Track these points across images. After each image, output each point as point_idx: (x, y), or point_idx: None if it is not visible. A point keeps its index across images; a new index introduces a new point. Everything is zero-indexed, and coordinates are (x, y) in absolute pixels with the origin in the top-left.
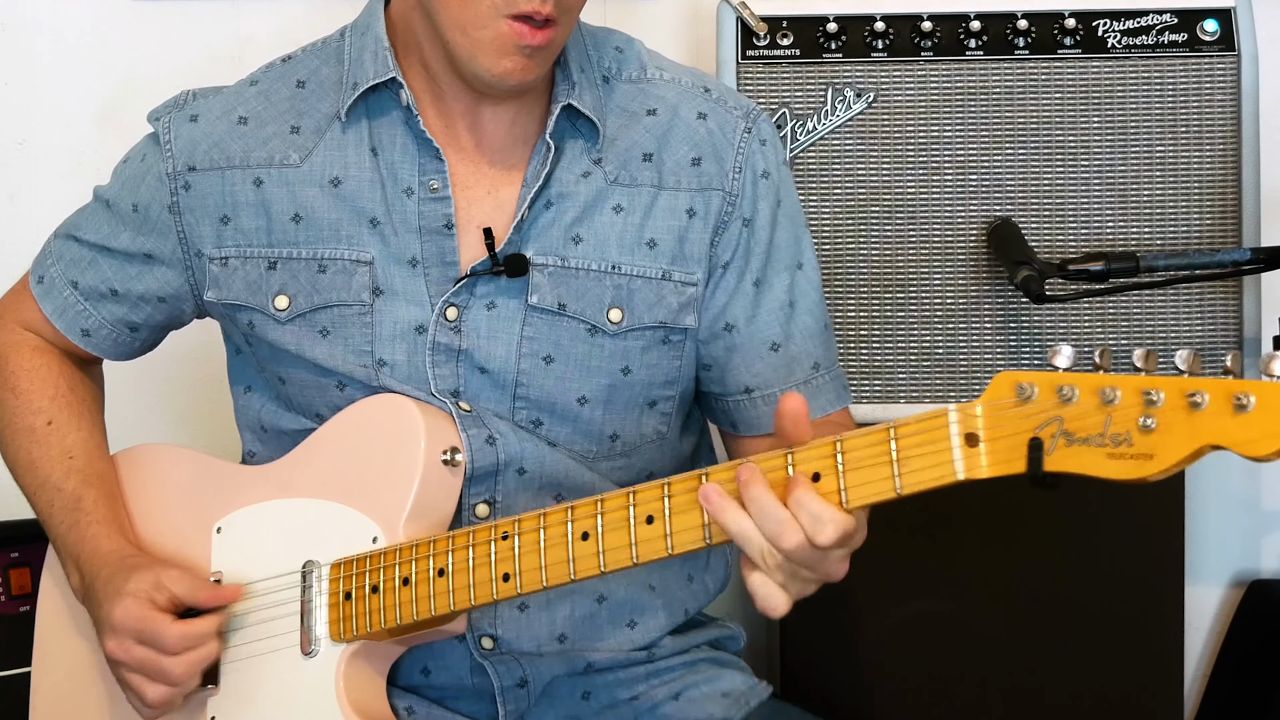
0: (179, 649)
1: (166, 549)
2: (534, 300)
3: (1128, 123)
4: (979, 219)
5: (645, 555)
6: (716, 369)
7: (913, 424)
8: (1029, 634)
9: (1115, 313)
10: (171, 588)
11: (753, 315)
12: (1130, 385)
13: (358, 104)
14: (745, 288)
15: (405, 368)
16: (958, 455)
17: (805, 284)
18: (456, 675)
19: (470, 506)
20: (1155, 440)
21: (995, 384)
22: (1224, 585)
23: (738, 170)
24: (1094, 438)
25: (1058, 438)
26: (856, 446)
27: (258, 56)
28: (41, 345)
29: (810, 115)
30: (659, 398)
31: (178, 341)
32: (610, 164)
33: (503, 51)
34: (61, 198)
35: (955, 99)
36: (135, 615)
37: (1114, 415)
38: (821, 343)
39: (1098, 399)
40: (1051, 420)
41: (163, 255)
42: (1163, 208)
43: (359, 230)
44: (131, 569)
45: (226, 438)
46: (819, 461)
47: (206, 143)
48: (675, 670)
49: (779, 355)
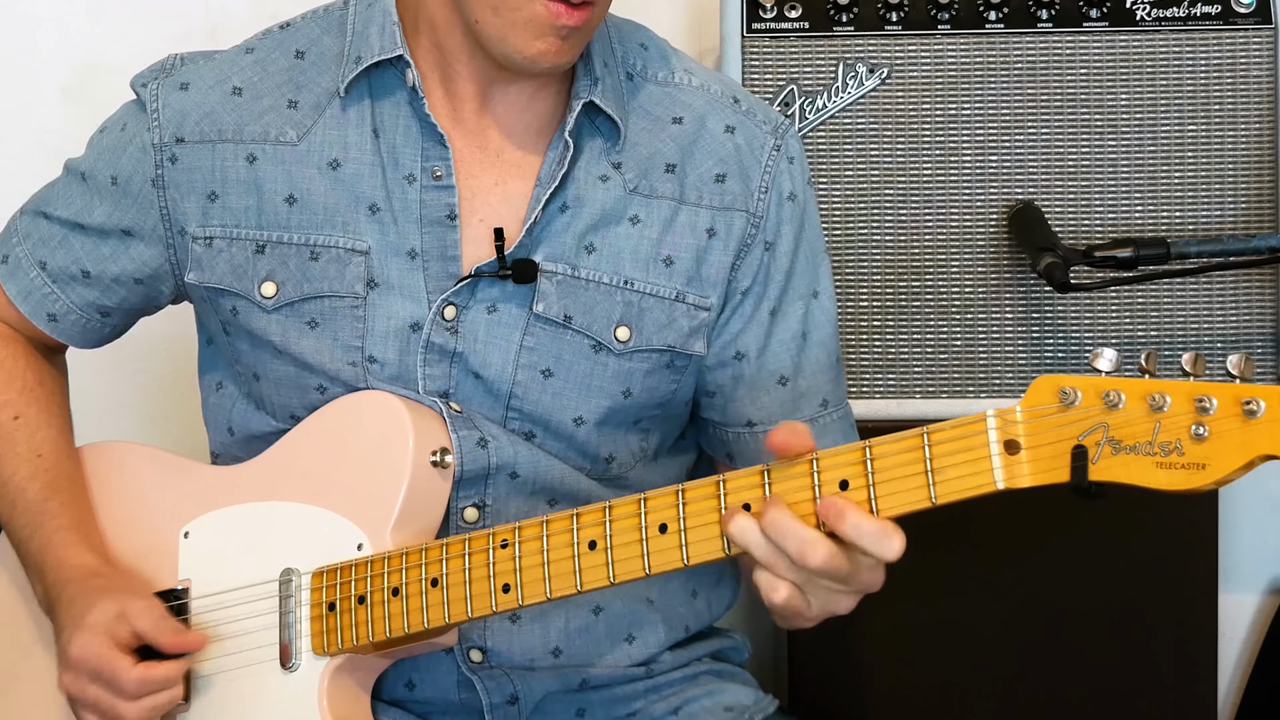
0: (136, 694)
1: (131, 553)
2: (539, 309)
3: (1158, 100)
4: (999, 203)
5: (658, 566)
6: (720, 397)
7: (948, 429)
8: (1051, 645)
9: (1144, 302)
10: (135, 622)
11: (765, 345)
12: (1181, 391)
13: (359, 80)
14: (761, 316)
15: (395, 366)
16: (997, 463)
17: (820, 314)
18: (443, 689)
19: (458, 510)
20: (1208, 449)
21: (1035, 388)
22: (1260, 592)
23: (764, 191)
24: (1142, 446)
25: (1103, 445)
26: (888, 453)
27: (233, 31)
28: (6, 333)
29: (820, 92)
30: (645, 417)
31: (147, 332)
32: (630, 171)
33: (537, 33)
34: (24, 180)
35: (974, 75)
36: (93, 652)
37: (1163, 423)
38: (831, 378)
39: (1146, 405)
40: (1096, 427)
41: (142, 232)
42: (1195, 190)
43: (356, 217)
44: (95, 594)
45: (198, 436)
46: (847, 468)
47: (197, 113)
48: (675, 684)
49: (787, 390)
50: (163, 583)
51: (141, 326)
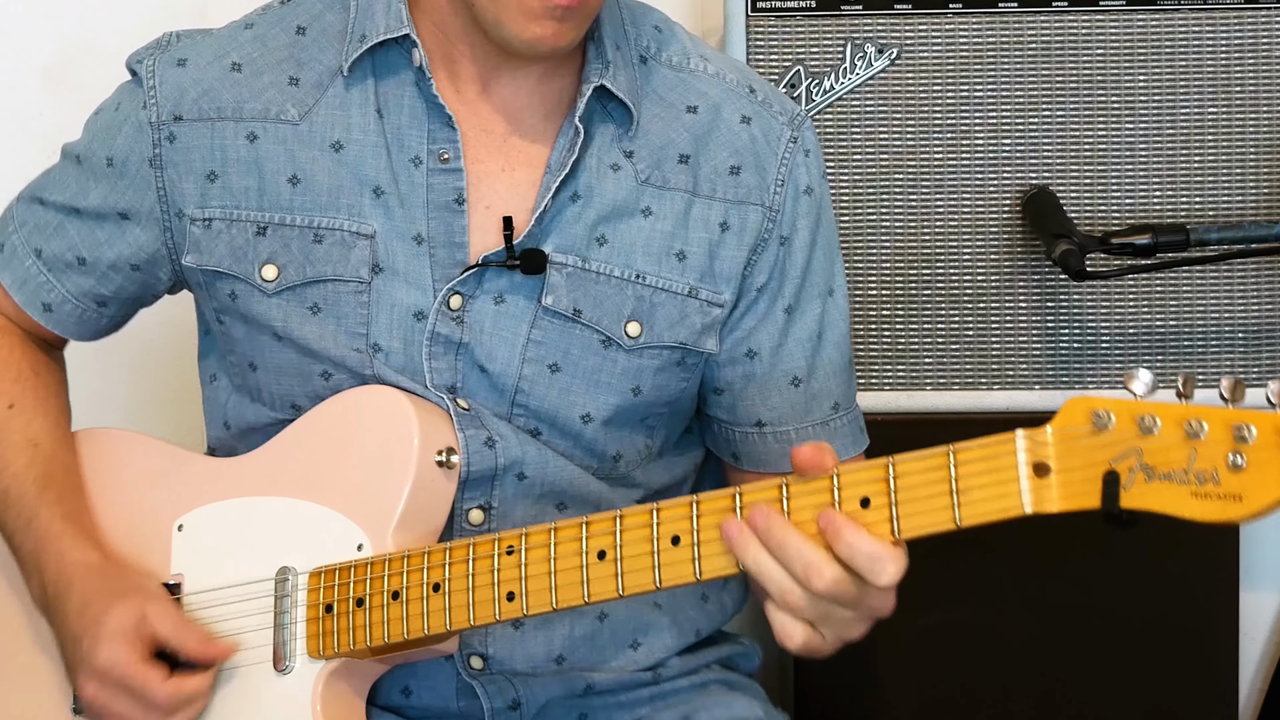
0: (171, 709)
1: (123, 545)
2: (548, 301)
3: (1177, 81)
4: (1013, 188)
5: (670, 580)
6: (729, 396)
7: (975, 449)
8: (1068, 647)
9: (1163, 291)
10: (156, 627)
11: (779, 344)
12: (1219, 418)
13: (363, 59)
14: (776, 314)
15: (400, 356)
16: (1025, 486)
17: (835, 313)
18: (441, 696)
19: (463, 512)
20: (1245, 480)
21: (1067, 409)
22: None
23: (780, 184)
24: (1177, 474)
25: (1136, 471)
26: (911, 471)
27: (221, 12)
28: (2, 324)
29: (827, 74)
30: (651, 414)
31: (145, 322)
32: (642, 161)
33: (531, 16)
34: (4, 166)
35: (987, 55)
36: (122, 662)
37: (1199, 450)
38: (843, 380)
39: (1182, 431)
40: (1130, 452)
41: (139, 214)
42: (1215, 175)
43: (360, 200)
44: (108, 597)
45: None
46: (869, 485)
47: (196, 90)
48: (682, 693)
49: (799, 391)
50: (154, 577)
51: (140, 315)
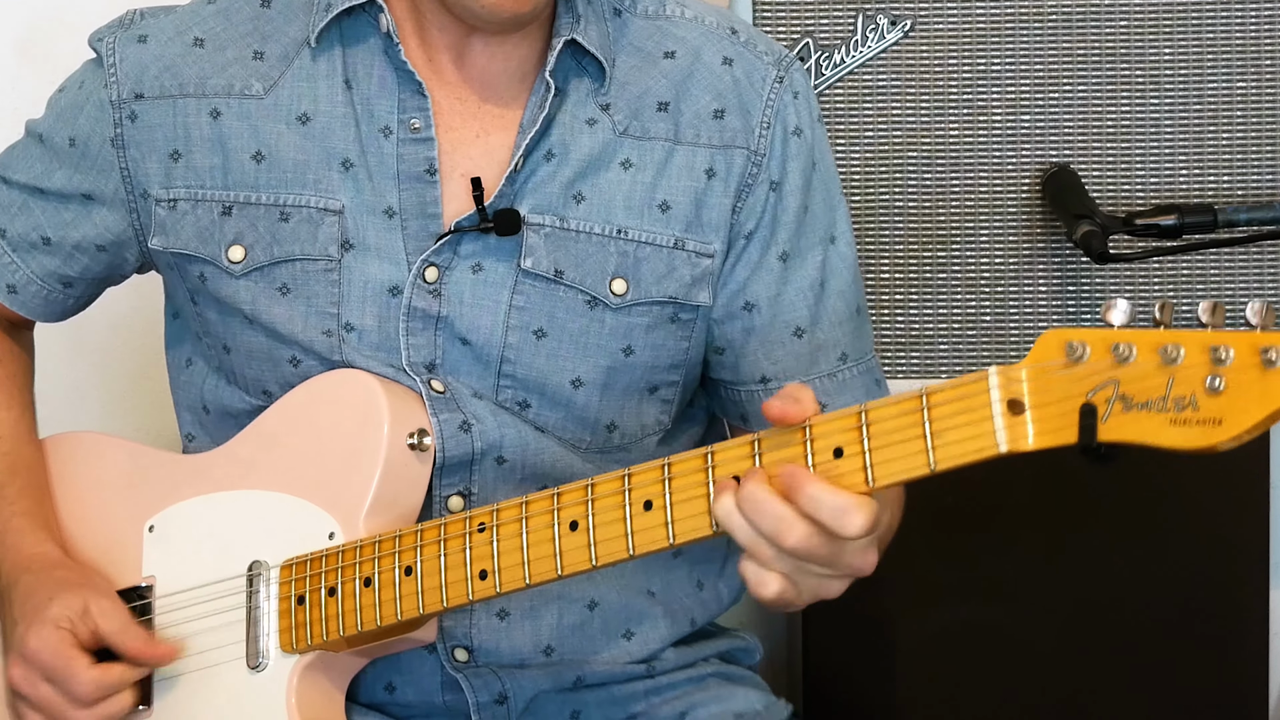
0: (91, 699)
1: (94, 551)
2: (527, 264)
3: (1204, 55)
4: (1032, 166)
5: (643, 546)
6: (730, 353)
7: (948, 390)
8: (1088, 645)
9: (1189, 274)
10: (99, 622)
11: (777, 294)
12: (1195, 341)
13: (330, 29)
14: (770, 262)
15: (375, 335)
16: (1000, 424)
17: (838, 261)
18: (425, 691)
19: (442, 499)
20: (1224, 403)
21: (1041, 343)
22: None
23: (765, 126)
24: (1154, 402)
25: (1113, 402)
26: (884, 417)
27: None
28: None
29: (837, 46)
30: (661, 383)
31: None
32: (620, 112)
33: None
34: None
35: (1005, 27)
36: (50, 648)
37: (1177, 376)
38: (852, 330)
39: (1158, 358)
40: (1106, 383)
41: (103, 196)
42: (1244, 153)
43: (328, 174)
44: (58, 587)
45: (164, 420)
46: (841, 435)
47: (156, 67)
48: (680, 686)
49: (803, 342)
50: (125, 580)
51: (102, 307)
